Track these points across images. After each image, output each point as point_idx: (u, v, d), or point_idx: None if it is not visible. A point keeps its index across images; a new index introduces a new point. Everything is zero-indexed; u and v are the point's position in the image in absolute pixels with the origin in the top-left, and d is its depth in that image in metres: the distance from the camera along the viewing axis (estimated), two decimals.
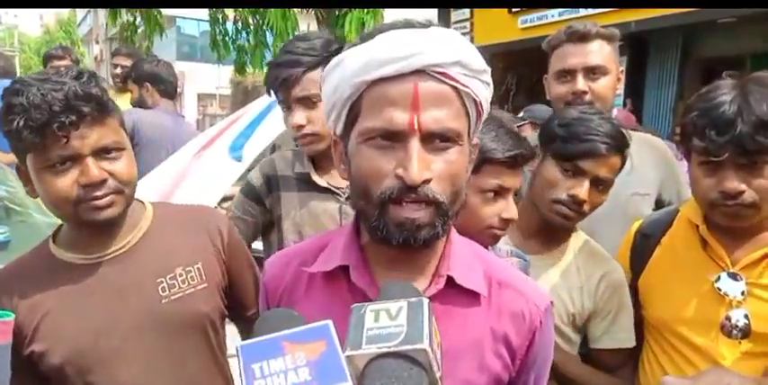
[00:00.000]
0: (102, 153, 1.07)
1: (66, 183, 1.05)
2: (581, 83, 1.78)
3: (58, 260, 1.14)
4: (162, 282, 1.15)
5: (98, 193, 1.06)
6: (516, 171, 1.21)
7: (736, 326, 1.26)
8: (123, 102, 3.43)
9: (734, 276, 1.29)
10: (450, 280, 0.85)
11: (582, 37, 1.81)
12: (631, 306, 1.44)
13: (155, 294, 1.14)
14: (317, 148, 1.54)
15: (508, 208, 1.20)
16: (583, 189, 1.35)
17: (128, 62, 3.88)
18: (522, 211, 1.35)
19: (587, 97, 1.78)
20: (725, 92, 1.21)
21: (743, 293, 1.27)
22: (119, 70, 4.02)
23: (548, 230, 1.45)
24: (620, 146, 1.37)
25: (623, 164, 1.41)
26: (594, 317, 1.43)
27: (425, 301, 0.66)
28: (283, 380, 0.59)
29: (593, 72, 1.79)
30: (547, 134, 1.44)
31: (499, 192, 1.20)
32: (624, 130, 1.40)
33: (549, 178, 1.39)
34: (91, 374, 1.10)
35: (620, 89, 1.95)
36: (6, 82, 1.33)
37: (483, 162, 1.18)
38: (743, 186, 1.20)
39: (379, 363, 0.60)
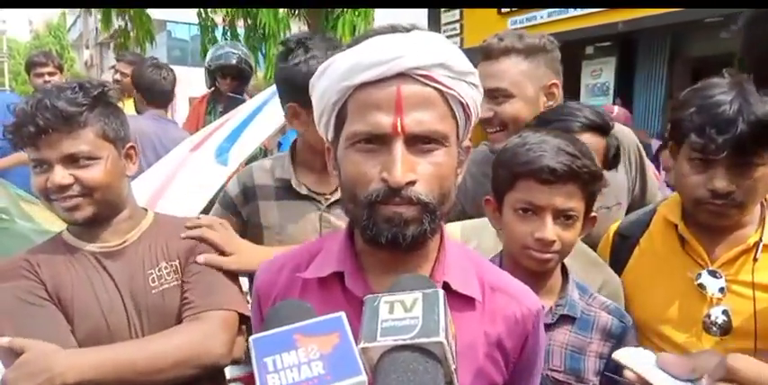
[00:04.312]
0: (70, 161, 1.22)
1: (41, 181, 1.23)
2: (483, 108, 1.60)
3: (72, 246, 1.30)
4: (152, 273, 1.30)
5: (63, 195, 1.23)
6: (555, 188, 1.10)
7: (715, 323, 1.27)
8: (129, 107, 3.48)
9: (713, 273, 1.30)
10: (445, 285, 0.85)
11: (486, 55, 1.64)
12: None
13: (146, 285, 1.29)
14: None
15: (541, 227, 1.11)
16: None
17: (128, 70, 3.86)
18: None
19: (495, 122, 1.62)
20: (724, 90, 1.21)
21: (721, 290, 1.28)
22: (118, 76, 4.02)
23: None
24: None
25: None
26: None
27: (441, 293, 0.65)
28: (297, 374, 0.59)
29: (493, 95, 1.59)
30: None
31: (533, 210, 1.12)
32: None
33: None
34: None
35: (560, 100, 1.68)
36: None
37: (515, 177, 1.13)
38: (732, 186, 1.20)
39: (394, 356, 0.60)
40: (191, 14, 10.04)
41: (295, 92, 1.40)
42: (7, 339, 1.15)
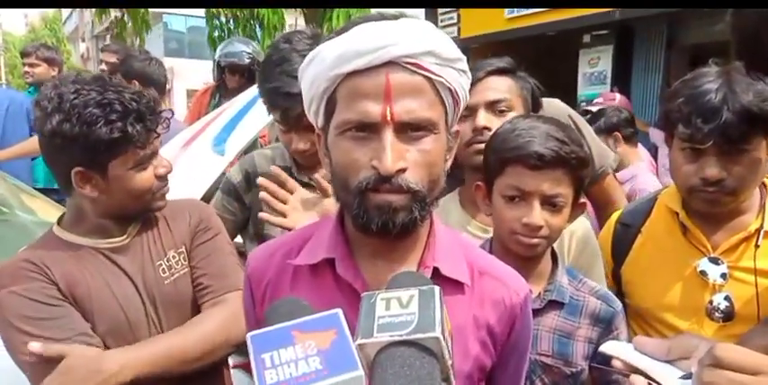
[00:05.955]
0: (155, 156, 1.28)
1: (150, 175, 1.25)
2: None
3: (74, 244, 1.25)
4: (161, 264, 1.30)
5: (165, 182, 1.30)
6: (543, 174, 1.11)
7: (718, 309, 1.29)
8: None
9: (715, 261, 1.31)
10: (435, 270, 0.87)
11: None
12: (600, 254, 1.43)
13: (157, 276, 1.29)
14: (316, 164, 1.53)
15: (529, 213, 1.12)
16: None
17: (114, 59, 3.85)
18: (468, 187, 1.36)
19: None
20: (711, 79, 1.22)
21: (723, 276, 1.30)
22: (104, 66, 3.99)
23: None
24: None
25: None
26: None
27: (437, 289, 0.66)
28: (294, 369, 0.59)
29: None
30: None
31: (521, 196, 1.14)
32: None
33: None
34: (124, 342, 1.21)
35: None
36: None
37: (504, 163, 1.15)
38: (723, 173, 1.22)
39: (391, 352, 0.61)
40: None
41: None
42: (39, 344, 1.09)
